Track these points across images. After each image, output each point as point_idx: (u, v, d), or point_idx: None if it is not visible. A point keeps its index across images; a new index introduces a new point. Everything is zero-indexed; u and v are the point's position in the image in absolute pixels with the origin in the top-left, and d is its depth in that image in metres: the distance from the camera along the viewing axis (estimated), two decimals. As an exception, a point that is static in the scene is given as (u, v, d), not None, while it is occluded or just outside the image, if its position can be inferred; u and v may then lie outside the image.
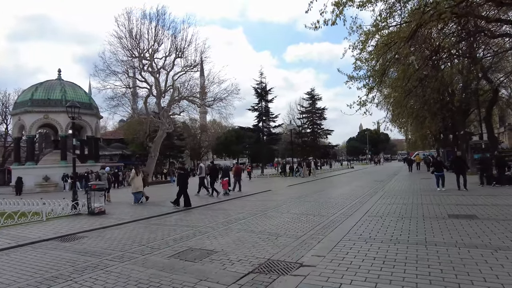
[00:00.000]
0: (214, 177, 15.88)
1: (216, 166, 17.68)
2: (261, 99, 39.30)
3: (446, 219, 7.53)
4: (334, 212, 9.55)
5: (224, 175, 16.14)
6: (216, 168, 16.80)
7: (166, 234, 7.46)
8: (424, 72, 12.15)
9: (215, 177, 15.94)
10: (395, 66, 10.50)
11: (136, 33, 30.82)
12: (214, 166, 16.97)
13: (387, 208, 9.57)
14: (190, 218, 9.59)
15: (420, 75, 12.33)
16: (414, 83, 12.25)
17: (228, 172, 16.82)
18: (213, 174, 15.99)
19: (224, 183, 15.80)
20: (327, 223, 7.85)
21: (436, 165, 13.96)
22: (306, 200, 12.64)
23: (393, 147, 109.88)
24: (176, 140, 62.34)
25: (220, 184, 15.99)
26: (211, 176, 15.80)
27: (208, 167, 16.64)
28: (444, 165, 13.99)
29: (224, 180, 15.84)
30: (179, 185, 12.25)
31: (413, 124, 31.40)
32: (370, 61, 11.69)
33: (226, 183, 15.82)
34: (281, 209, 10.56)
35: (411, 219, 7.72)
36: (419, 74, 11.70)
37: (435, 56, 16.31)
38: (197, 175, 17.62)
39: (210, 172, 16.08)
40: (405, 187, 15.52)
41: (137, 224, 9.01)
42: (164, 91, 33.53)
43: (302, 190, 17.15)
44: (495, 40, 18.74)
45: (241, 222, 8.38)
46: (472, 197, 10.79)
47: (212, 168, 16.43)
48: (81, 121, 33.89)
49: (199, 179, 16.10)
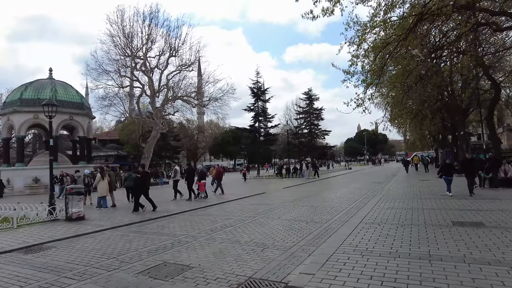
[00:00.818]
0: (191, 180, 15.24)
1: (192, 168, 16.96)
2: (257, 99, 38.63)
3: (451, 227, 6.86)
4: (329, 218, 8.87)
5: (201, 177, 15.51)
6: (192, 171, 16.11)
7: (142, 244, 6.76)
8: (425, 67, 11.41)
9: (192, 180, 15.30)
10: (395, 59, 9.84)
11: (128, 31, 30.11)
12: (190, 169, 16.30)
13: (386, 213, 8.90)
14: (173, 225, 8.89)
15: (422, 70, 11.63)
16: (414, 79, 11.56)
17: (205, 174, 16.13)
18: (190, 177, 15.33)
19: (201, 185, 15.20)
20: (320, 232, 7.17)
21: (446, 169, 12.47)
22: (300, 204, 11.95)
23: (391, 148, 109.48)
24: (172, 141, 61.67)
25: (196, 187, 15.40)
26: (188, 179, 15.17)
27: (185, 170, 15.96)
28: (455, 169, 12.84)
29: (201, 183, 15.25)
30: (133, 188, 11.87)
31: (412, 124, 30.77)
32: (368, 57, 11.04)
33: (202, 185, 15.23)
34: (273, 214, 9.87)
35: (412, 227, 7.05)
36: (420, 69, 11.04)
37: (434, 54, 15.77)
38: (172, 178, 16.76)
39: (186, 175, 15.44)
40: (404, 190, 14.87)
41: (114, 232, 8.29)
42: (158, 91, 32.80)
43: (297, 193, 16.48)
44: (495, 38, 18.21)
45: (227, 231, 7.68)
46: (476, 202, 10.14)
47: (188, 171, 15.79)
48: (73, 121, 33.13)
49: (173, 182, 15.41)
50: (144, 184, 12.00)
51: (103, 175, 12.90)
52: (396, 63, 10.39)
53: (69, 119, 32.52)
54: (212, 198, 15.44)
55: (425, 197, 11.86)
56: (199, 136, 78.89)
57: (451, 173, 12.20)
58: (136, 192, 11.77)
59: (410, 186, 16.43)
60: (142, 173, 12.28)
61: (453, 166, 12.83)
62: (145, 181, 12.34)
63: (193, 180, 15.27)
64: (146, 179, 12.76)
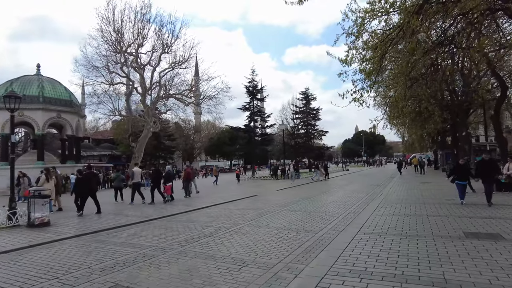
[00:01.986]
0: (157, 183, 14.20)
1: (159, 170, 15.82)
2: (252, 98, 37.59)
3: (464, 239, 5.86)
4: (323, 226, 7.85)
5: (167, 180, 14.48)
6: (159, 173, 14.99)
7: (100, 258, 5.70)
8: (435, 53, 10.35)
9: (158, 182, 14.25)
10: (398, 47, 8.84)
11: (119, 26, 29.00)
12: (157, 170, 15.18)
13: (387, 221, 7.89)
14: (146, 233, 7.83)
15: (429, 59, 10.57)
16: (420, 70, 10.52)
17: (171, 176, 15.08)
18: (156, 179, 14.25)
19: (167, 188, 14.20)
20: (312, 244, 6.15)
21: (459, 171, 10.20)
22: (292, 209, 10.92)
23: (389, 149, 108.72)
24: (166, 141, 60.50)
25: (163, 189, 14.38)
26: (154, 181, 14.13)
27: (152, 171, 14.83)
28: (470, 172, 10.36)
29: (167, 186, 14.24)
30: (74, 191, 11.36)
31: (412, 125, 29.72)
32: (367, 48, 10.03)
33: (169, 188, 14.23)
34: (260, 221, 8.84)
35: (418, 238, 6.04)
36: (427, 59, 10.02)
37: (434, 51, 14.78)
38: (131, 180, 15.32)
39: (153, 176, 14.38)
40: (405, 193, 13.88)
41: (77, 241, 7.23)
42: (149, 88, 31.72)
43: (290, 196, 15.45)
44: (500, 35, 17.28)
45: (204, 242, 6.63)
46: (485, 207, 9.16)
47: (155, 172, 14.69)
48: (61, 119, 31.94)
49: (132, 185, 14.40)
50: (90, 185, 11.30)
51: (48, 177, 11.84)
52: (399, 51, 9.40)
53: (57, 116, 31.33)
54: (197, 201, 14.41)
55: (428, 202, 10.87)
56: (195, 136, 77.79)
57: (465, 176, 10.09)
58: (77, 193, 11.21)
59: (410, 189, 15.46)
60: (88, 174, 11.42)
61: (468, 168, 10.34)
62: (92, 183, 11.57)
63: (159, 183, 14.26)
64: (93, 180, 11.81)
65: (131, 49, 30.11)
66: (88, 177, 11.26)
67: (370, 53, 10.29)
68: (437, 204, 10.24)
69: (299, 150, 44.54)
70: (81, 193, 11.06)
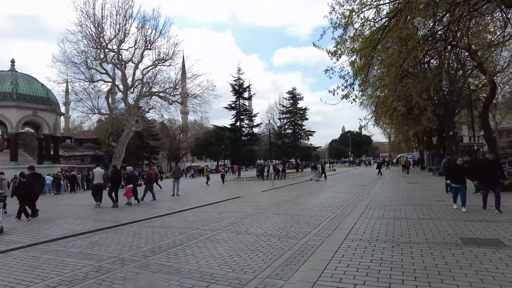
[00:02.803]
0: (117, 184, 13.31)
1: (118, 171, 14.74)
2: (238, 97, 36.75)
3: (462, 246, 5.26)
4: (307, 231, 7.16)
5: (128, 182, 13.66)
6: (118, 174, 14.06)
7: (45, 274, 4.84)
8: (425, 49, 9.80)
9: (117, 184, 13.37)
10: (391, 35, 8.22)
11: (99, 21, 27.71)
12: (116, 171, 14.12)
13: (376, 225, 7.27)
14: (110, 241, 6.97)
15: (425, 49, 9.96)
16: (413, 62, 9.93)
17: (133, 178, 14.22)
18: (115, 181, 13.34)
19: (127, 191, 13.38)
20: (293, 253, 5.44)
21: (457, 172, 8.82)
22: (276, 212, 10.21)
23: (375, 149, 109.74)
24: (151, 141, 59.06)
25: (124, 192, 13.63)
26: (113, 183, 13.21)
27: (111, 172, 13.78)
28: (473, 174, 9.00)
29: (128, 188, 13.42)
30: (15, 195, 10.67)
31: (403, 123, 29.45)
32: (356, 40, 9.41)
33: (130, 191, 13.41)
34: (240, 226, 8.08)
35: (411, 246, 5.42)
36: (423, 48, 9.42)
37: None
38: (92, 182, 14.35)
39: (112, 178, 13.40)
40: (393, 194, 13.39)
41: (26, 252, 6.30)
42: (131, 86, 30.51)
43: (275, 197, 14.76)
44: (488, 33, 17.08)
45: (172, 252, 5.83)
46: (479, 209, 8.65)
47: (114, 174, 13.68)
48: (37, 118, 30.42)
49: (93, 187, 13.54)
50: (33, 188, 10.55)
51: None
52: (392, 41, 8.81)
53: (32, 115, 29.80)
54: (176, 203, 13.57)
55: (418, 203, 10.35)
56: (181, 137, 76.39)
57: (462, 178, 8.71)
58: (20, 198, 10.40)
59: (398, 190, 15.00)
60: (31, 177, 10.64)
61: (464, 168, 8.91)
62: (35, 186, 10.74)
63: (118, 185, 13.38)
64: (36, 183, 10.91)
65: (112, 45, 28.90)
66: (30, 180, 10.47)
67: (360, 44, 9.68)
68: (428, 206, 9.72)
69: (286, 150, 43.96)
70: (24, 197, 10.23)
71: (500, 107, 33.87)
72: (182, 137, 76.05)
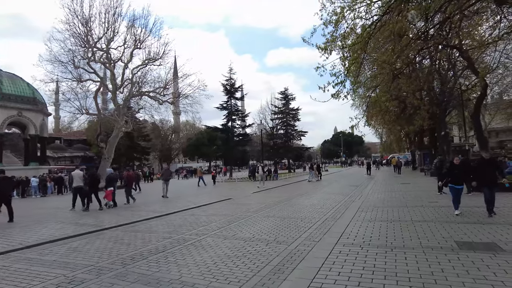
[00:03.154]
0: (94, 187, 12.80)
1: (96, 174, 14.09)
2: (230, 97, 36.37)
3: (457, 251, 5.03)
4: (297, 235, 6.88)
5: (108, 184, 13.21)
6: (96, 176, 13.49)
7: (12, 287, 4.45)
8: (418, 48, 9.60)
9: (95, 186, 12.86)
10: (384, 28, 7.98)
11: (87, 18, 27.04)
12: (93, 174, 13.46)
13: (368, 228, 7.03)
14: (90, 247, 6.58)
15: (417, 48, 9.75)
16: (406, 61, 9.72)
17: (113, 180, 13.75)
18: (93, 183, 12.78)
19: (108, 193, 12.96)
20: (283, 260, 5.14)
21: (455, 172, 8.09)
22: (266, 214, 9.92)
23: (367, 150, 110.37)
24: (142, 142, 58.24)
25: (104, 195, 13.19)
26: (90, 186, 12.69)
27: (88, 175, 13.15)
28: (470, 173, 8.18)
29: (108, 191, 12.99)
30: None
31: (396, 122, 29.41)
32: (348, 38, 9.16)
33: (110, 193, 12.99)
34: (228, 230, 7.76)
35: (406, 251, 5.17)
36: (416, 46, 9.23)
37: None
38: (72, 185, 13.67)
39: (89, 180, 12.83)
40: (385, 195, 13.21)
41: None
42: (120, 86, 29.89)
43: (266, 199, 14.46)
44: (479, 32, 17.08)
45: (153, 260, 5.48)
46: (473, 211, 8.48)
47: (91, 176, 13.11)
48: (22, 118, 29.69)
49: (73, 189, 13.09)
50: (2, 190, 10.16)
51: None
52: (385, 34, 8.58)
53: (18, 115, 29.07)
54: (164, 206, 13.20)
55: (411, 205, 10.16)
56: (173, 137, 75.58)
57: (462, 179, 8.06)
58: None
59: (390, 191, 14.84)
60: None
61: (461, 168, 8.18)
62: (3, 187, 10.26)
63: (96, 188, 12.91)
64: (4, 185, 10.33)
65: (101, 43, 28.25)
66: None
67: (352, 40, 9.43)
68: (420, 207, 9.53)
69: (278, 151, 43.73)
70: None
71: (489, 107, 34.21)
72: (174, 138, 75.30)
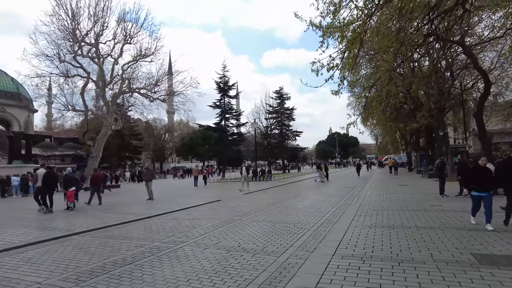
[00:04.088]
0: (51, 188, 11.88)
1: (53, 173, 12.68)
2: (223, 95, 35.51)
3: (478, 267, 4.22)
4: (289, 243, 6.04)
5: (68, 185, 12.48)
6: (53, 176, 12.38)
7: None
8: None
9: (52, 187, 11.97)
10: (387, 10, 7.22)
11: (74, 11, 25.96)
12: (49, 173, 11.99)
13: (369, 236, 6.21)
14: (47, 257, 5.66)
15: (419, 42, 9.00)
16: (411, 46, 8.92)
17: (73, 181, 12.98)
18: (49, 184, 11.79)
19: (69, 194, 12.24)
20: (269, 277, 4.28)
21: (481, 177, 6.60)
22: (256, 218, 9.05)
23: (362, 151, 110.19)
24: (134, 140, 57.06)
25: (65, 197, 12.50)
26: (46, 186, 11.69)
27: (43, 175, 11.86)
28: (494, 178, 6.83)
29: (70, 191, 12.26)
30: None
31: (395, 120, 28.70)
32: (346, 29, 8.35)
33: (72, 194, 12.30)
34: (211, 237, 6.88)
35: (415, 266, 4.35)
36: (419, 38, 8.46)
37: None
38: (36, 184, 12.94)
39: (45, 181, 11.73)
40: (383, 198, 12.44)
41: None
42: (109, 82, 28.85)
43: (257, 201, 13.59)
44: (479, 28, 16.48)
45: (115, 274, 4.58)
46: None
47: (47, 176, 11.80)
48: (5, 114, 28.42)
49: (35, 189, 12.26)
50: None
51: None
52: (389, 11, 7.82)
53: (0, 111, 27.81)
54: (148, 208, 12.29)
55: (413, 208, 9.39)
56: (167, 136, 74.37)
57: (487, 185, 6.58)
58: None
59: (389, 193, 14.07)
60: None
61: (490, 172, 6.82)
62: None
63: (53, 189, 12.06)
64: None
65: (90, 38, 27.20)
66: None
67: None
68: (423, 211, 8.76)
69: (273, 151, 42.97)
70: None
71: (485, 109, 33.76)
72: (167, 137, 74.12)
